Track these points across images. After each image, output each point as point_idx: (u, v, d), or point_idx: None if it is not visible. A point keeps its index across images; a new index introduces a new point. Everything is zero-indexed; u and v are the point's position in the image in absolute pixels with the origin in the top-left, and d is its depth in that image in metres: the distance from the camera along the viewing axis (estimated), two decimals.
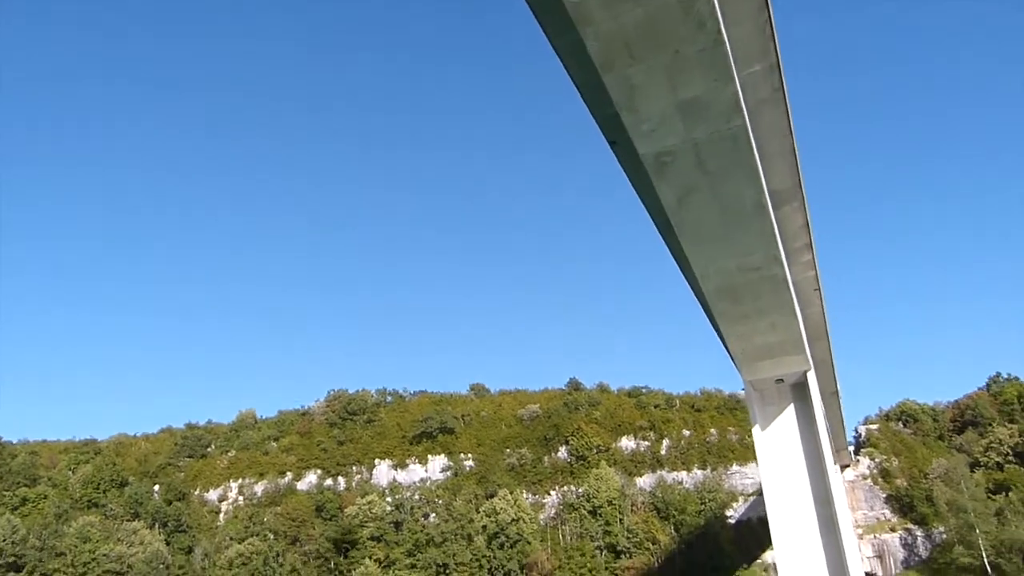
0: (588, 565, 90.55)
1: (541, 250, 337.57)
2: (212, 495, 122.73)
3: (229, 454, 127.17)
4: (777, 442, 59.59)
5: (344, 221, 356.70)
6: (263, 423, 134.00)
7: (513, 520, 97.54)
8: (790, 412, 60.26)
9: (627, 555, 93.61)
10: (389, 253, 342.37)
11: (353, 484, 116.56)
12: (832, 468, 57.42)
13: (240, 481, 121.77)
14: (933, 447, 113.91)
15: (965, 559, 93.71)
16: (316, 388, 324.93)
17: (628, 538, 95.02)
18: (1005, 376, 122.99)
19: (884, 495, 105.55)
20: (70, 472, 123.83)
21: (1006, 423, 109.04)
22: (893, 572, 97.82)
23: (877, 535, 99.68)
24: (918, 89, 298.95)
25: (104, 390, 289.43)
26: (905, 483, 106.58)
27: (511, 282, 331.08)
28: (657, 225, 52.41)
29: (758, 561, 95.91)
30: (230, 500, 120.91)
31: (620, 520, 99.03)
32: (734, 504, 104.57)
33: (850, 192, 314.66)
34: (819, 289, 58.26)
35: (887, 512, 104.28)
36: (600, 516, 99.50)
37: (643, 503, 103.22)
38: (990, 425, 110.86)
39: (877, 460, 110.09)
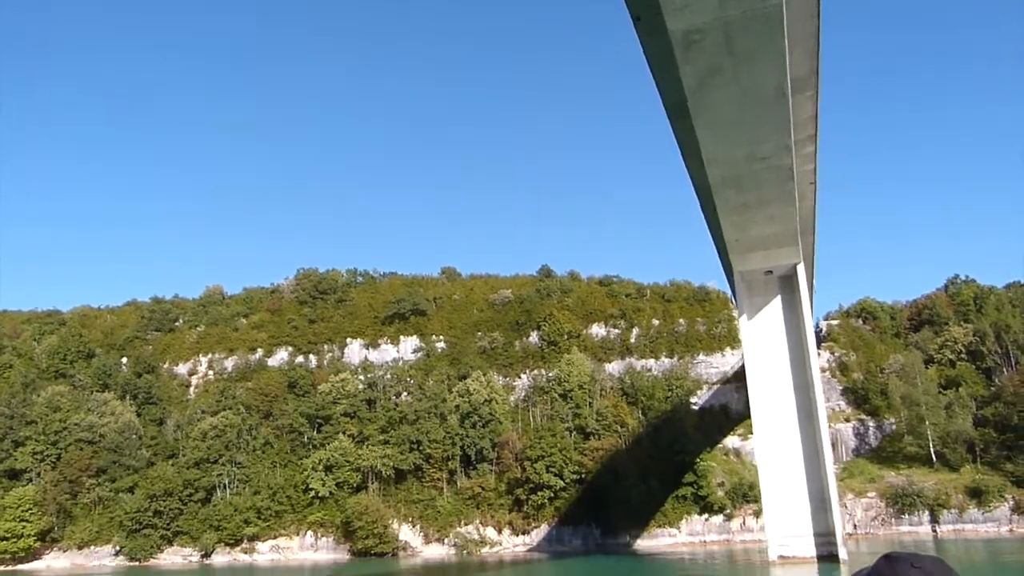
0: (559, 445, 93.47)
1: (512, 137, 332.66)
2: (181, 369, 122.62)
3: (198, 329, 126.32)
4: (762, 331, 61.19)
5: (313, 98, 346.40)
6: (231, 299, 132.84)
7: (486, 401, 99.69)
8: (776, 303, 61.76)
9: (596, 436, 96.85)
10: (358, 133, 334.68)
11: (324, 362, 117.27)
12: (814, 358, 59.29)
13: (210, 356, 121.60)
14: (890, 344, 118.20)
15: (912, 448, 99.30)
16: (284, 266, 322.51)
17: (598, 420, 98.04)
18: (963, 278, 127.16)
19: (841, 387, 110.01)
20: (35, 342, 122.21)
21: (961, 323, 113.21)
22: (844, 459, 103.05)
23: (832, 424, 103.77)
24: None
25: (64, 261, 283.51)
26: (862, 377, 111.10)
27: (483, 165, 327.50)
28: (669, 109, 51.13)
29: (719, 445, 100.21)
30: (200, 374, 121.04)
31: (590, 404, 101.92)
32: (698, 392, 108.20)
33: None
34: (815, 183, 58.43)
35: (842, 403, 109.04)
36: (570, 399, 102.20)
37: (612, 388, 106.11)
38: (946, 324, 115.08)
39: (836, 354, 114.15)
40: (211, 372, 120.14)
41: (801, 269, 59.85)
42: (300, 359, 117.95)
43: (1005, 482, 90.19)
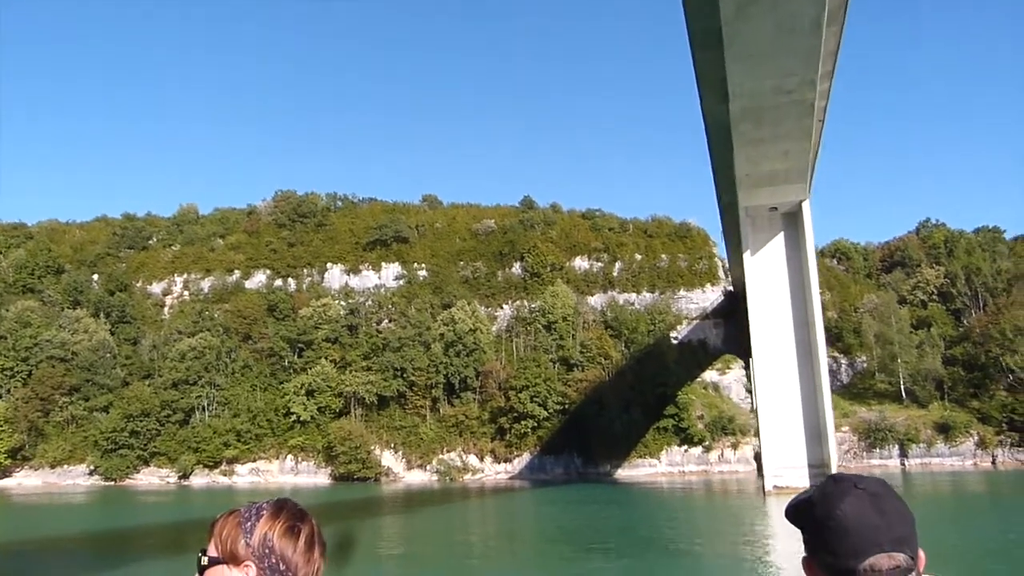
0: (543, 375, 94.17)
1: (497, 67, 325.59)
2: (155, 288, 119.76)
3: (173, 248, 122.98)
4: (765, 267, 61.52)
5: (290, 16, 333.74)
6: (206, 219, 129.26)
7: (471, 330, 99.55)
8: (779, 239, 61.98)
9: (580, 368, 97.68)
10: (336, 55, 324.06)
11: (304, 286, 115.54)
12: (816, 295, 59.94)
13: (185, 276, 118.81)
14: (863, 284, 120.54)
15: (883, 385, 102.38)
16: (260, 188, 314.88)
17: (582, 352, 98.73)
18: (934, 221, 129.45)
19: None
20: (0, 255, 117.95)
21: (933, 265, 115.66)
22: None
23: None
24: None
25: (27, 172, 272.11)
26: (835, 315, 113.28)
27: (465, 93, 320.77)
28: (698, 39, 49.86)
29: (698, 380, 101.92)
30: (175, 294, 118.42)
31: (573, 336, 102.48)
32: (679, 327, 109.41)
33: None
34: (823, 120, 57.95)
35: None
36: (554, 331, 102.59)
37: (595, 321, 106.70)
38: (918, 266, 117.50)
39: None
40: (187, 292, 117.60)
41: (807, 206, 60.01)
42: (278, 282, 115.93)
43: (971, 418, 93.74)
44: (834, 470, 56.85)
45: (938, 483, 76.92)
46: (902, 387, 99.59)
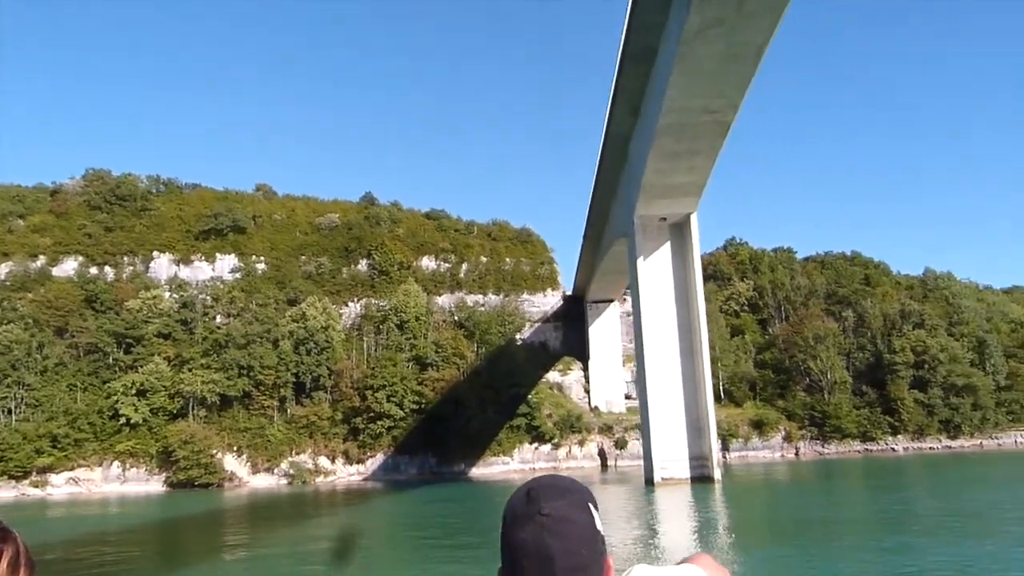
0: (400, 375, 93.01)
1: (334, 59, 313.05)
2: None
3: None
4: (653, 273, 65.60)
5: None
6: None
7: (323, 327, 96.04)
8: (666, 248, 66.37)
9: (435, 368, 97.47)
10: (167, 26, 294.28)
11: (124, 276, 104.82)
12: (701, 301, 64.91)
13: None
14: None
15: None
16: (67, 166, 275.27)
17: (437, 352, 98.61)
18: (738, 240, 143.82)
19: None
20: None
21: (743, 279, 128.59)
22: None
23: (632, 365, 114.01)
24: None
25: None
26: None
27: (303, 79, 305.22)
28: (633, 51, 52.75)
29: (543, 380, 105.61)
30: None
31: (425, 335, 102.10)
32: (524, 328, 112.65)
33: None
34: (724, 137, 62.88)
35: None
36: (407, 330, 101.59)
37: (445, 321, 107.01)
38: (729, 280, 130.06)
39: None
40: None
41: (695, 218, 64.85)
42: (94, 270, 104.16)
43: (779, 415, 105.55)
44: (715, 461, 62.14)
45: (753, 472, 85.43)
46: (722, 388, 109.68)
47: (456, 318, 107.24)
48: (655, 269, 65.48)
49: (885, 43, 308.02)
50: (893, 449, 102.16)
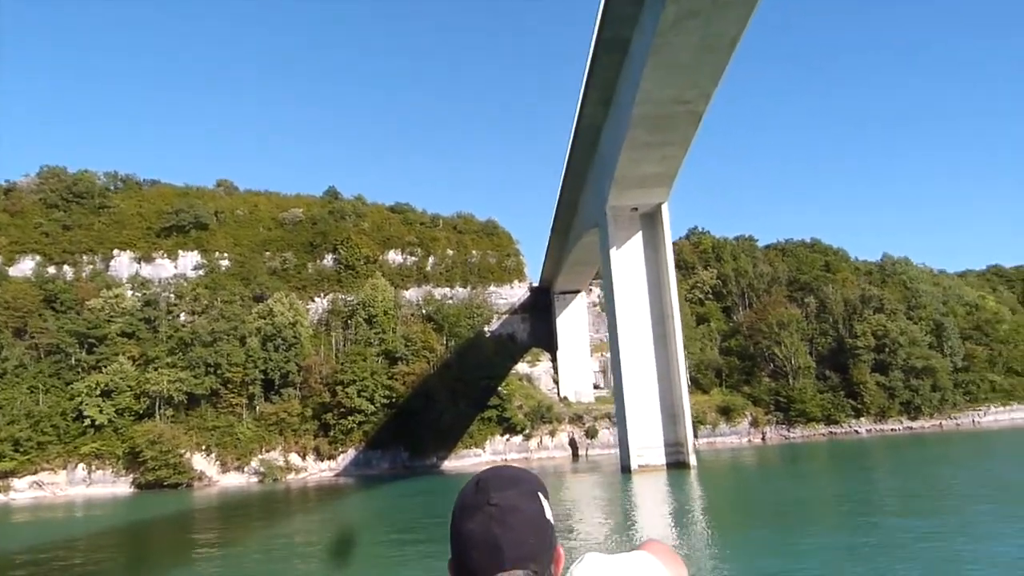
0: (370, 369, 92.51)
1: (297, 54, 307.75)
2: None
3: None
4: (626, 262, 66.17)
5: None
6: None
7: (291, 324, 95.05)
8: (638, 238, 66.99)
9: (405, 362, 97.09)
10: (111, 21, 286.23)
11: (84, 275, 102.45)
12: (674, 290, 65.65)
13: None
14: None
15: None
16: (18, 162, 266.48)
17: (406, 346, 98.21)
18: (701, 229, 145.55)
19: (606, 321, 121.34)
20: None
21: (706, 267, 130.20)
22: (612, 383, 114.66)
23: (603, 353, 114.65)
24: None
25: None
26: None
27: (261, 71, 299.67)
28: (606, 42, 53.06)
29: (512, 372, 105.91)
30: None
31: (394, 329, 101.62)
32: (492, 321, 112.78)
33: None
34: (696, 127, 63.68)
35: (606, 335, 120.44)
36: (376, 324, 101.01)
37: (413, 315, 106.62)
38: (693, 268, 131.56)
39: (600, 291, 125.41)
40: None
41: (665, 208, 65.53)
42: (52, 270, 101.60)
43: (746, 402, 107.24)
44: (690, 448, 63.06)
45: (722, 457, 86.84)
46: (688, 376, 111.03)
47: (424, 311, 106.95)
48: (628, 259, 66.09)
49: (849, 32, 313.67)
50: (856, 432, 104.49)
